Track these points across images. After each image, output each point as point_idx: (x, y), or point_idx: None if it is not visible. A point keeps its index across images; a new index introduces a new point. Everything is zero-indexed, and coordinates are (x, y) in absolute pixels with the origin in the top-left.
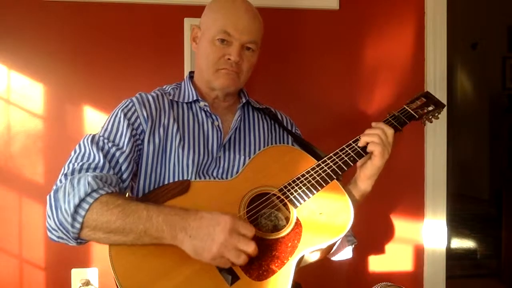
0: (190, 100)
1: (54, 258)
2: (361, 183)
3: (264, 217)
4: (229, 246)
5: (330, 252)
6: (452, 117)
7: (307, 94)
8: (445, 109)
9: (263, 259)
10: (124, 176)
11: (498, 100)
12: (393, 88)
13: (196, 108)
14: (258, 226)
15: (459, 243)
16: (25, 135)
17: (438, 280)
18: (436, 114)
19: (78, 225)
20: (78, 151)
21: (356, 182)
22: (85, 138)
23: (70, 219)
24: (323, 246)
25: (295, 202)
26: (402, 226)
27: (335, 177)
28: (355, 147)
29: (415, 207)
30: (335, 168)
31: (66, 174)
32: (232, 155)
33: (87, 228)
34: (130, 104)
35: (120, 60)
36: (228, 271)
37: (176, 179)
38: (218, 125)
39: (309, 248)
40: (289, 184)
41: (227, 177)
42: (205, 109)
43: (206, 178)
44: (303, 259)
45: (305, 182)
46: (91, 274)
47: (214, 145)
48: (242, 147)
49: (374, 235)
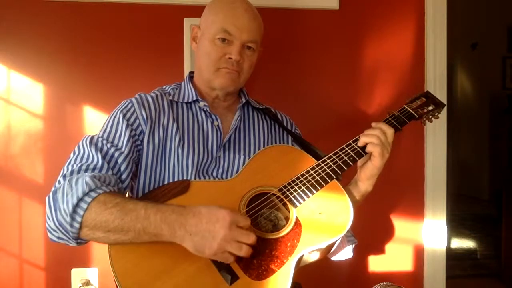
0: (190, 100)
1: (54, 258)
2: (361, 184)
3: (263, 216)
4: (230, 240)
5: (330, 252)
6: (452, 117)
7: (307, 94)
8: (445, 109)
9: (262, 258)
10: (123, 176)
11: (498, 100)
12: (393, 88)
13: (196, 108)
14: (257, 226)
15: (459, 243)
16: (25, 135)
17: (438, 280)
18: (436, 114)
19: (77, 225)
20: (77, 152)
21: (357, 182)
22: (84, 139)
23: (69, 219)
24: (323, 246)
25: (295, 201)
26: (402, 226)
27: (334, 176)
28: (355, 147)
29: (415, 207)
30: (335, 168)
31: (65, 175)
32: (231, 155)
33: (86, 227)
34: (129, 105)
35: (120, 60)
36: (228, 271)
37: (176, 179)
38: (218, 125)
39: (308, 247)
40: (288, 184)
41: (227, 177)
42: (204, 109)
43: (205, 178)
44: (303, 259)
45: (304, 181)
46: (91, 274)
47: (214, 145)
48: (242, 147)
49: (374, 235)
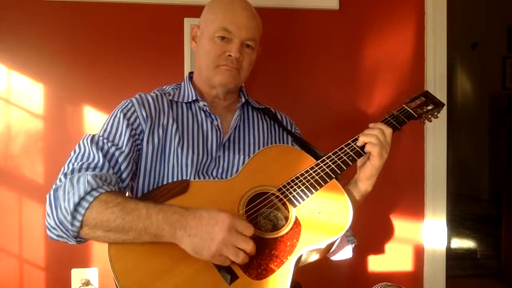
0: (190, 100)
1: (54, 258)
2: (361, 184)
3: (263, 216)
4: (228, 245)
5: (330, 252)
6: (452, 117)
7: (307, 94)
8: (445, 109)
9: (262, 258)
10: (124, 175)
11: (498, 100)
12: (393, 88)
13: (196, 108)
14: (257, 226)
15: (459, 243)
16: (25, 135)
17: (438, 280)
18: (436, 113)
19: (77, 223)
20: (77, 151)
21: (356, 182)
22: (84, 138)
23: (69, 218)
24: (322, 245)
25: (294, 201)
26: (402, 226)
27: (334, 176)
28: (354, 146)
29: (415, 207)
30: (334, 168)
31: (66, 173)
32: (231, 154)
33: (87, 226)
34: (130, 105)
35: (120, 60)
36: (227, 270)
37: (176, 179)
38: (218, 124)
39: (308, 247)
40: (288, 183)
41: (226, 176)
42: (204, 109)
43: (205, 178)
44: (303, 259)
45: (304, 181)
46: (91, 274)
47: (214, 144)
48: (241, 146)
49: (374, 235)
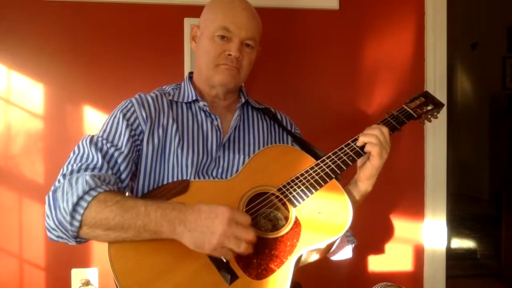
0: (190, 100)
1: (54, 258)
2: (361, 184)
3: (263, 216)
4: (229, 236)
5: (330, 252)
6: (452, 117)
7: (307, 94)
8: (445, 109)
9: (262, 258)
10: (123, 176)
11: (498, 100)
12: (393, 88)
13: (196, 108)
14: (257, 226)
15: (459, 243)
16: (25, 135)
17: (438, 280)
18: (435, 114)
19: (77, 223)
20: (77, 152)
21: (356, 182)
22: (83, 139)
23: (69, 218)
24: (322, 245)
25: (294, 201)
26: (402, 226)
27: (334, 176)
28: (354, 146)
29: (415, 207)
30: (334, 168)
31: (65, 174)
32: (231, 154)
33: (86, 226)
34: (129, 105)
35: (120, 60)
36: (227, 270)
37: (176, 179)
38: (218, 124)
39: (308, 247)
40: (288, 183)
41: (226, 176)
42: (204, 109)
43: (205, 178)
44: (303, 259)
45: (304, 181)
46: (91, 274)
47: (214, 144)
48: (241, 146)
49: (374, 235)
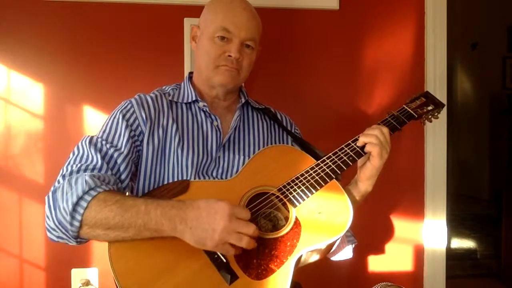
0: (189, 101)
1: (54, 258)
2: (361, 184)
3: (263, 216)
4: (230, 232)
5: (330, 252)
6: (452, 117)
7: (307, 94)
8: (445, 109)
9: (262, 258)
10: (123, 176)
11: (498, 100)
12: (393, 88)
13: (195, 108)
14: (257, 226)
15: (459, 243)
16: (25, 135)
17: (438, 280)
18: (436, 114)
19: (77, 223)
20: (76, 152)
21: (357, 182)
22: (83, 140)
23: (69, 218)
24: (322, 246)
25: (294, 201)
26: (402, 226)
27: (334, 176)
28: (354, 147)
29: (415, 207)
30: (334, 168)
31: (64, 175)
32: (231, 155)
33: (86, 226)
34: (129, 106)
35: (120, 60)
36: (227, 270)
37: (176, 180)
38: (217, 125)
39: (308, 247)
40: (288, 183)
41: (226, 177)
42: (204, 109)
43: (205, 178)
44: (303, 259)
45: (304, 181)
46: (91, 274)
47: (214, 145)
48: (241, 147)
49: (374, 235)
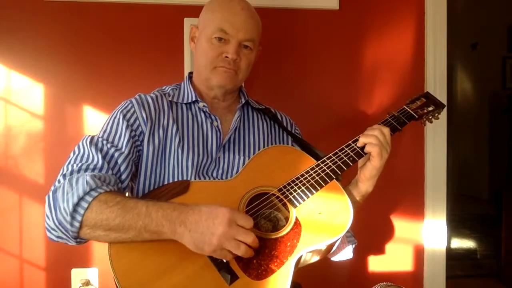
0: (189, 101)
1: (54, 258)
2: (361, 184)
3: (263, 217)
4: (228, 238)
5: (330, 252)
6: (452, 117)
7: (307, 94)
8: (445, 109)
9: (262, 258)
10: (123, 176)
11: (498, 100)
12: (393, 88)
13: (195, 108)
14: (257, 226)
15: (459, 243)
16: (25, 136)
17: (438, 280)
18: (436, 115)
19: (77, 224)
20: (77, 152)
21: (357, 183)
22: (84, 139)
23: (69, 218)
24: (323, 246)
25: (294, 202)
26: (402, 226)
27: (334, 177)
28: (354, 147)
29: (415, 207)
30: (335, 168)
31: (65, 174)
32: (231, 155)
33: (86, 226)
34: (129, 106)
35: (120, 60)
36: (227, 270)
37: (176, 180)
38: (218, 125)
39: (308, 247)
40: (288, 184)
41: (226, 177)
42: (204, 109)
43: (205, 178)
44: (303, 259)
45: (304, 182)
46: (91, 274)
47: (214, 145)
48: (241, 147)
49: (374, 235)
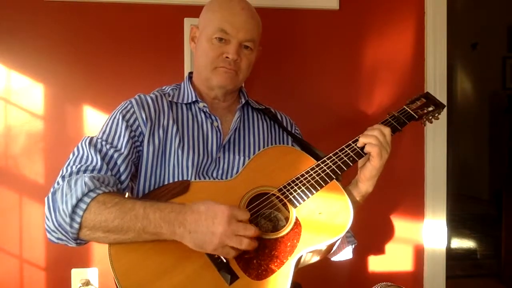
0: (189, 101)
1: (54, 258)
2: (361, 184)
3: (263, 217)
4: (229, 235)
5: (330, 252)
6: (452, 117)
7: (307, 94)
8: (445, 109)
9: (262, 258)
10: (123, 177)
11: (498, 100)
12: (393, 88)
13: (196, 109)
14: (257, 226)
15: (459, 243)
16: (25, 136)
17: (438, 280)
18: (436, 115)
19: (76, 225)
20: (76, 153)
21: (357, 183)
22: (83, 140)
23: (68, 220)
24: (323, 246)
25: (295, 202)
26: (402, 226)
27: (334, 177)
28: (354, 147)
29: (415, 207)
30: (335, 168)
31: (64, 176)
32: (231, 156)
33: (86, 228)
34: (129, 106)
35: (120, 60)
36: (227, 270)
37: (176, 180)
38: (218, 126)
39: (308, 247)
40: (288, 184)
41: (227, 177)
42: (204, 110)
43: (206, 179)
44: (303, 260)
45: (304, 182)
46: (91, 274)
47: (214, 146)
48: (241, 148)
49: (374, 235)
